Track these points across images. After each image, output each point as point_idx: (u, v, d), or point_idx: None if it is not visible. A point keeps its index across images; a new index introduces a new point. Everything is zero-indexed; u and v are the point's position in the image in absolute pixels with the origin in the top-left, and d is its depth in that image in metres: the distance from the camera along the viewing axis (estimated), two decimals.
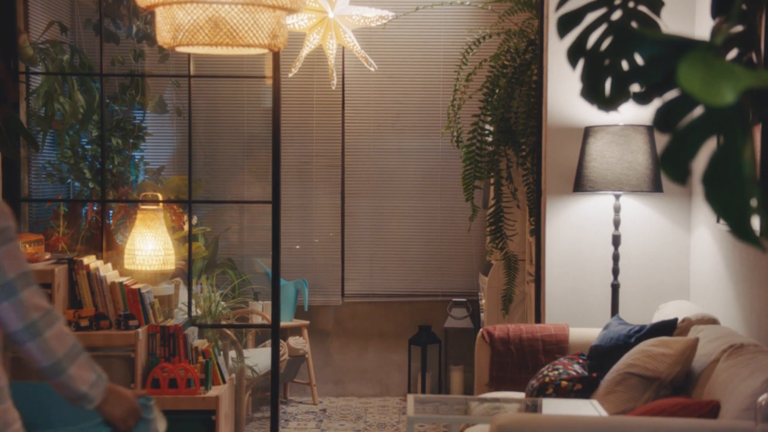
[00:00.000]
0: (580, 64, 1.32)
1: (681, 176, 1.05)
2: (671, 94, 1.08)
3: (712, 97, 0.94)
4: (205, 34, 2.86)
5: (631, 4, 1.40)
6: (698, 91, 0.94)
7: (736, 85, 0.94)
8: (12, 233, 2.02)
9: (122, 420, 2.13)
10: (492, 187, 5.40)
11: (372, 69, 5.83)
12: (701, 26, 4.23)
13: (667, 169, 1.05)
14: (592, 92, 1.30)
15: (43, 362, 2.03)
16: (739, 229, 1.00)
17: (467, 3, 5.87)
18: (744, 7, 1.33)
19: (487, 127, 5.33)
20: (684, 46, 1.06)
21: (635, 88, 1.16)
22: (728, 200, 1.00)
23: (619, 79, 1.26)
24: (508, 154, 5.27)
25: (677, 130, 1.05)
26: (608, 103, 1.29)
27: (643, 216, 4.43)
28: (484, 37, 5.46)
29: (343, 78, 6.19)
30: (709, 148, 1.05)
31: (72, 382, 2.05)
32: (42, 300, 2.02)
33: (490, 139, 5.31)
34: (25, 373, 3.21)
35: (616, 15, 1.38)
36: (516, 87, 5.16)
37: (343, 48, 6.00)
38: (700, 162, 1.01)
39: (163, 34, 2.95)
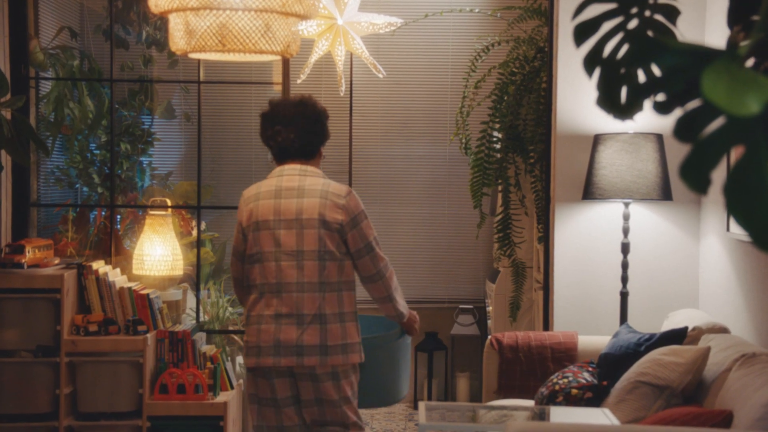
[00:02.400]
0: (596, 72, 1.32)
1: (702, 186, 1.05)
2: (693, 104, 1.07)
3: (737, 107, 0.93)
4: (217, 40, 2.87)
5: (647, 13, 1.40)
6: (723, 101, 0.94)
7: (761, 95, 0.93)
8: (365, 212, 3.22)
9: (413, 328, 3.44)
10: (500, 194, 5.40)
11: (380, 75, 5.83)
12: (712, 34, 4.23)
13: (688, 178, 1.05)
14: (608, 101, 1.30)
15: (384, 293, 3.25)
16: (762, 239, 1.00)
17: (476, 10, 5.88)
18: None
19: (496, 134, 5.33)
20: (707, 55, 1.06)
21: (656, 97, 1.16)
22: (751, 210, 1.00)
23: (636, 88, 1.25)
24: (516, 161, 5.26)
25: (699, 140, 1.05)
26: (624, 112, 1.29)
27: (652, 224, 4.42)
28: (493, 45, 5.46)
29: (351, 84, 6.20)
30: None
31: (396, 305, 3.28)
32: (383, 253, 3.23)
33: (498, 146, 5.30)
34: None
35: (632, 24, 1.37)
36: (525, 94, 5.16)
37: (352, 54, 6.01)
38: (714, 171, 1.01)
39: (176, 41, 2.96)
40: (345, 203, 3.17)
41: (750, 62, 1.41)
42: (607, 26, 1.35)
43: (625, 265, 4.24)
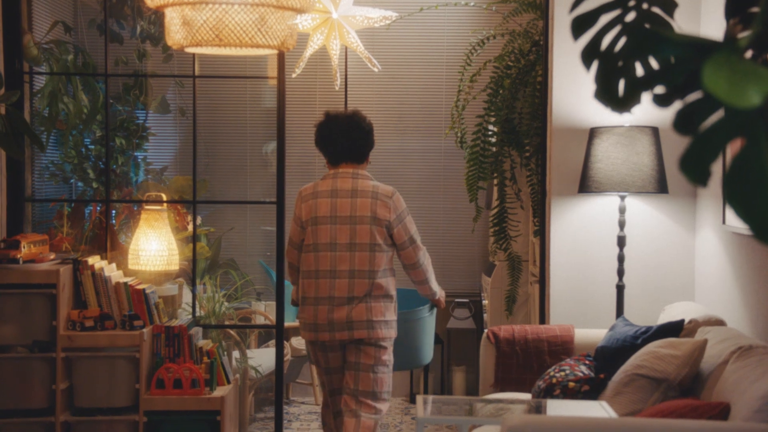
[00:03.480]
0: (594, 65, 1.32)
1: (702, 178, 1.04)
2: (693, 96, 1.07)
3: (738, 99, 0.93)
4: (214, 34, 2.86)
5: (645, 6, 1.40)
6: (723, 93, 0.94)
7: (762, 87, 0.93)
8: (407, 209, 3.81)
9: (441, 303, 4.11)
10: (495, 188, 5.40)
11: (375, 69, 5.82)
12: (707, 26, 4.23)
13: (688, 171, 1.04)
14: (605, 94, 1.30)
15: (422, 277, 3.87)
16: (762, 232, 1.00)
17: (471, 4, 5.87)
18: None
19: (491, 127, 5.32)
20: (706, 47, 1.05)
21: (656, 90, 1.15)
22: (751, 202, 0.99)
23: (634, 80, 1.25)
24: (512, 154, 5.26)
25: (699, 132, 1.05)
26: (622, 105, 1.28)
27: (648, 217, 4.42)
28: (488, 38, 5.45)
29: (346, 78, 6.19)
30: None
31: (431, 285, 3.94)
32: (421, 244, 3.82)
33: (494, 139, 5.30)
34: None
35: (630, 16, 1.37)
36: (520, 88, 5.16)
37: (347, 48, 6.00)
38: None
39: (173, 35, 2.95)
40: (392, 202, 3.73)
41: (748, 55, 1.41)
42: (604, 19, 1.34)
43: (621, 258, 4.25)
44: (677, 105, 1.11)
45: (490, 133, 5.29)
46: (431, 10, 5.95)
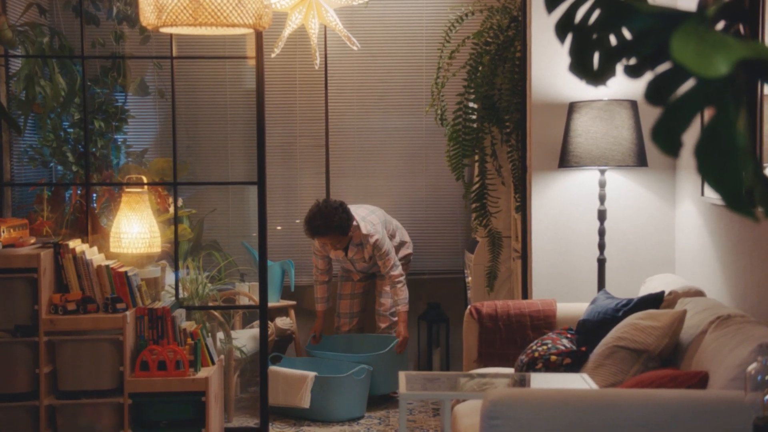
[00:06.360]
0: (568, 39, 1.32)
1: (673, 149, 1.05)
2: (663, 67, 1.08)
3: (706, 69, 0.94)
4: (189, 13, 2.84)
5: None
6: (692, 63, 0.95)
7: (730, 56, 0.94)
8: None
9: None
10: (476, 164, 5.41)
11: (355, 48, 5.80)
12: None
13: (659, 141, 1.05)
14: (580, 67, 1.30)
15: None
16: (733, 201, 1.01)
17: None
18: None
19: (471, 104, 5.32)
20: (676, 18, 1.06)
21: (627, 61, 1.16)
22: (722, 172, 1.00)
23: (608, 53, 1.25)
24: (492, 131, 5.26)
25: (669, 103, 1.05)
26: (597, 78, 1.29)
27: (628, 190, 4.45)
28: (466, 14, 5.44)
29: (325, 57, 6.16)
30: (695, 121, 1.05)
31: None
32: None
33: (474, 116, 5.30)
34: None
35: None
36: (499, 64, 5.15)
37: (326, 27, 5.97)
38: (687, 135, 1.01)
39: (147, 15, 2.92)
40: None
41: (721, 25, 1.41)
42: None
43: (601, 232, 4.27)
44: (649, 76, 1.12)
45: (470, 110, 5.29)
46: None
